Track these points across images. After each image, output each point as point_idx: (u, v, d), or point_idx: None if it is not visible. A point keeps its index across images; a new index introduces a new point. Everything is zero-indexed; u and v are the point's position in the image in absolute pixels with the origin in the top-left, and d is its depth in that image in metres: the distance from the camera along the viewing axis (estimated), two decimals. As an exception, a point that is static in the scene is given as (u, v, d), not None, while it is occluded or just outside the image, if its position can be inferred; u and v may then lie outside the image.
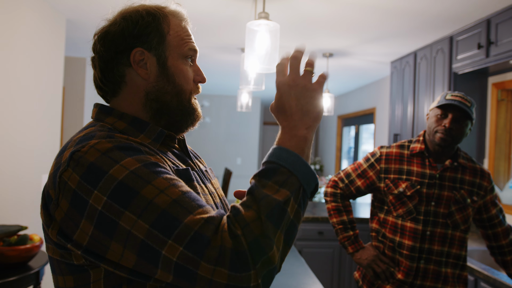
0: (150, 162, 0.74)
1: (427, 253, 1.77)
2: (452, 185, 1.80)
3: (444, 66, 3.14)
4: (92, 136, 0.79)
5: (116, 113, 0.88)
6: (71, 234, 0.73)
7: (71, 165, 0.73)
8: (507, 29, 2.46)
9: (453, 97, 1.75)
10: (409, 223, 1.79)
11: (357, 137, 6.53)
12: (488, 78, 3.17)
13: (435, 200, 1.78)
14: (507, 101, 3.11)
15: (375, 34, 3.36)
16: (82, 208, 0.71)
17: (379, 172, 1.88)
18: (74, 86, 4.88)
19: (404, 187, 1.80)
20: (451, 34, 3.05)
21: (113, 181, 0.70)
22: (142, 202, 0.69)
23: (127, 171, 0.71)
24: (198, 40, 3.70)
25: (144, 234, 0.67)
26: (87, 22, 3.35)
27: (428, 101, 3.35)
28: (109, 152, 0.73)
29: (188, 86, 0.91)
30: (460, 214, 1.78)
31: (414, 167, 1.84)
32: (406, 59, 3.76)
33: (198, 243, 0.66)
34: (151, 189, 0.70)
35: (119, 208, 0.69)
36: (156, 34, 0.88)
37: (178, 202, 0.69)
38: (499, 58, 2.55)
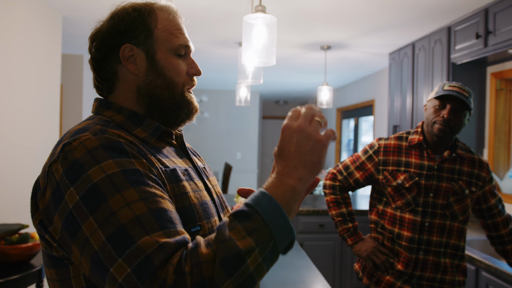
0: (130, 168, 0.72)
1: (426, 244, 1.77)
2: (450, 176, 1.80)
3: (442, 56, 3.13)
4: (86, 129, 0.79)
5: (115, 107, 0.89)
6: (47, 226, 0.73)
7: (60, 157, 0.74)
8: (505, 18, 2.45)
9: (451, 87, 1.74)
10: (407, 215, 1.79)
11: (356, 130, 6.53)
12: (487, 67, 3.17)
13: (433, 192, 1.78)
14: (506, 90, 3.11)
15: (372, 26, 3.35)
16: (58, 202, 0.71)
17: (378, 164, 1.88)
18: (72, 84, 4.86)
19: (402, 179, 1.80)
20: (449, 24, 3.04)
21: (88, 182, 0.69)
22: (106, 211, 0.67)
23: (103, 175, 0.70)
24: (195, 35, 3.69)
25: (99, 245, 0.65)
26: (83, 19, 3.33)
27: (427, 92, 3.34)
28: (94, 150, 0.72)
29: (180, 79, 0.91)
30: (459, 205, 1.78)
31: (413, 159, 1.83)
32: (404, 50, 3.75)
33: (144, 270, 0.62)
34: (118, 199, 0.68)
35: (86, 211, 0.67)
36: (143, 29, 0.88)
37: (139, 219, 0.66)
38: (498, 48, 2.54)
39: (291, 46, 4.10)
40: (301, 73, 5.77)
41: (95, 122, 0.83)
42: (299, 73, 5.78)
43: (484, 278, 2.23)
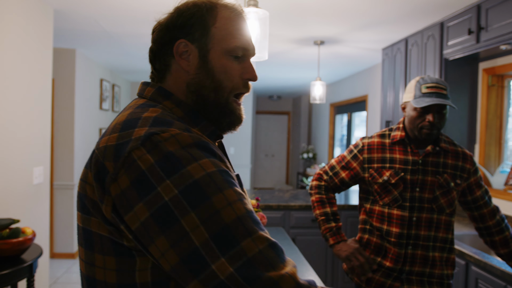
0: (223, 169, 0.74)
1: (414, 238, 1.78)
2: (435, 170, 1.80)
3: (435, 52, 3.14)
4: (167, 122, 0.76)
5: (175, 99, 0.86)
6: (122, 214, 0.71)
7: (146, 146, 0.71)
8: (497, 14, 2.46)
9: (429, 89, 1.73)
10: (395, 211, 1.80)
11: (349, 125, 6.54)
12: (479, 63, 3.18)
13: (419, 186, 1.79)
14: (498, 86, 3.12)
15: (365, 21, 3.35)
16: (144, 192, 0.68)
17: (363, 163, 1.88)
18: (64, 78, 4.83)
19: (388, 175, 1.81)
20: (442, 20, 3.05)
21: (189, 178, 0.69)
22: (210, 209, 0.68)
23: (203, 172, 0.70)
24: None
25: (201, 242, 0.66)
26: (76, 12, 3.30)
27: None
28: (189, 147, 0.72)
29: (229, 83, 0.87)
30: (445, 198, 1.78)
31: (397, 155, 1.84)
32: (397, 46, 3.76)
33: (248, 272, 0.66)
34: (221, 198, 0.69)
35: (187, 206, 0.67)
36: (199, 26, 0.85)
37: (241, 220, 0.69)
38: (490, 44, 2.55)
39: (284, 41, 4.09)
40: (294, 68, 5.76)
41: (164, 113, 0.80)
42: (292, 68, 5.77)
43: (474, 273, 2.25)
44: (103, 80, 5.95)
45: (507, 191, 2.92)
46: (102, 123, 6.01)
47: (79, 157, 5.06)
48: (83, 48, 4.77)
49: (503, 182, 3.01)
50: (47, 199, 3.23)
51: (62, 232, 4.92)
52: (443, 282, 1.80)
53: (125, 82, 7.59)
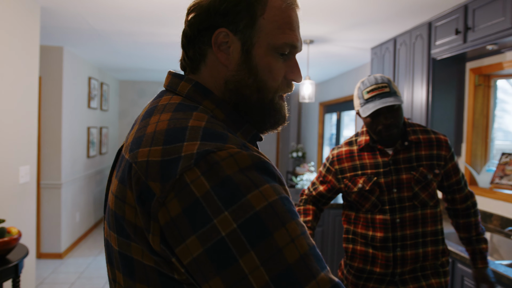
0: (284, 196, 0.64)
1: (401, 240, 1.73)
2: (408, 166, 1.75)
3: (423, 51, 3.16)
4: (221, 135, 0.66)
5: (215, 99, 0.75)
6: (172, 246, 0.61)
7: (201, 167, 0.61)
8: (483, 15, 2.48)
9: (370, 94, 1.69)
10: (377, 216, 1.76)
11: (338, 124, 6.57)
12: (466, 63, 3.21)
13: (396, 187, 1.74)
14: (484, 86, 3.16)
15: (355, 20, 3.36)
16: (198, 223, 0.59)
17: (336, 174, 1.86)
18: (52, 76, 4.77)
19: (362, 183, 1.77)
20: (430, 20, 3.07)
21: (250, 210, 0.59)
22: (272, 247, 0.59)
23: (265, 202, 0.60)
24: (173, 27, 3.65)
25: (260, 286, 0.58)
26: (63, 10, 3.27)
27: (408, 86, 3.38)
28: (248, 170, 0.62)
29: (274, 83, 0.77)
30: (425, 192, 1.74)
31: (366, 160, 1.80)
32: (386, 45, 3.78)
33: None
34: (284, 234, 0.60)
35: (246, 244, 0.58)
36: (245, 15, 0.74)
37: (304, 259, 0.60)
38: (476, 44, 2.57)
39: (274, 40, 4.09)
40: (284, 67, 5.76)
41: (212, 122, 0.69)
42: (282, 67, 5.77)
43: (460, 270, 2.27)
44: (92, 78, 5.90)
45: (493, 190, 2.95)
46: (90, 121, 5.96)
47: (66, 156, 5.01)
48: (71, 45, 4.72)
49: (489, 180, 3.04)
50: (33, 199, 3.19)
51: (49, 232, 4.87)
52: (438, 271, 1.77)
53: (114, 80, 7.53)
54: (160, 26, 3.65)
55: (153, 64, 5.93)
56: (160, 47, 4.59)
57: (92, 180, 6.14)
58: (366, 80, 1.73)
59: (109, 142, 7.22)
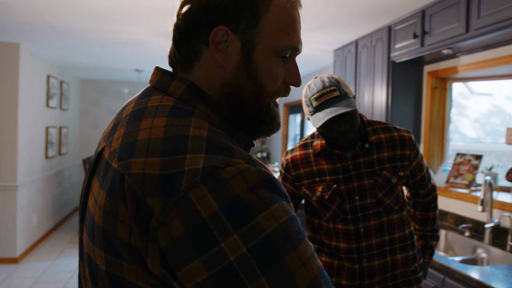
0: (293, 215, 0.60)
1: (367, 250, 1.60)
2: (370, 171, 1.59)
3: (383, 54, 3.24)
4: (227, 148, 0.60)
5: (210, 102, 0.70)
6: (173, 269, 0.56)
7: (208, 184, 0.55)
8: (440, 20, 2.57)
9: (318, 101, 1.52)
10: (340, 225, 1.61)
11: (302, 125, 6.64)
12: (424, 66, 3.32)
13: (358, 194, 1.59)
14: (441, 89, 3.27)
15: (317, 22, 3.41)
16: (204, 246, 0.54)
17: (294, 182, 1.68)
18: (7, 73, 4.59)
19: (320, 191, 1.61)
20: (390, 24, 3.15)
21: (260, 232, 0.55)
22: (283, 272, 0.55)
23: (276, 224, 0.56)
24: (139, 26, 3.59)
25: None
26: (19, 5, 3.14)
27: (369, 88, 3.45)
28: (257, 189, 0.57)
29: (273, 87, 0.72)
30: (390, 197, 1.60)
31: (324, 166, 1.62)
32: (348, 48, 3.85)
33: None
34: (295, 257, 0.56)
35: (257, 269, 0.54)
36: (248, 13, 0.68)
37: (315, 284, 0.56)
38: (433, 48, 2.66)
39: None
40: (248, 68, 5.77)
41: (214, 130, 0.63)
42: (246, 68, 5.78)
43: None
44: (50, 76, 5.71)
45: (448, 189, 3.06)
46: (49, 121, 5.77)
47: (23, 157, 4.82)
48: (28, 42, 4.55)
49: (445, 180, 3.15)
50: (-13, 201, 3.05)
51: (3, 236, 4.67)
52: (410, 279, 1.65)
53: (75, 79, 7.32)
54: (122, 24, 3.58)
55: (115, 63, 5.81)
56: (123, 45, 4.50)
57: (51, 182, 5.94)
58: (313, 84, 1.56)
59: (69, 142, 7.01)
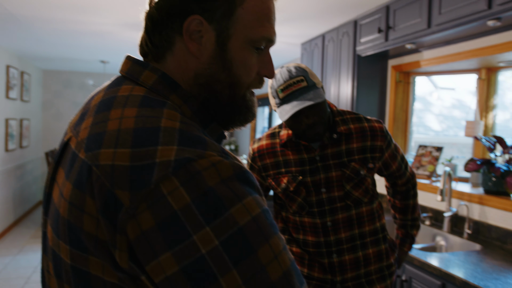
0: (265, 208, 0.60)
1: (336, 245, 1.54)
2: (338, 162, 1.53)
3: (349, 48, 3.30)
4: (199, 140, 0.59)
5: (182, 93, 0.68)
6: (142, 262, 0.55)
7: (180, 176, 0.54)
8: (403, 15, 2.64)
9: (285, 92, 1.45)
10: (306, 218, 1.56)
11: (270, 117, 6.68)
12: (388, 60, 3.40)
13: (324, 186, 1.53)
14: (404, 82, 3.36)
15: (285, 16, 3.43)
16: (174, 239, 0.53)
17: (260, 172, 1.62)
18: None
19: (286, 183, 1.55)
20: (356, 18, 3.21)
21: (233, 225, 0.54)
22: (255, 265, 0.54)
23: (249, 217, 0.56)
24: (102, 16, 3.51)
25: None
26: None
27: (335, 81, 3.51)
28: (229, 181, 0.56)
29: (247, 78, 0.72)
30: (358, 189, 1.54)
31: (290, 156, 1.57)
32: (315, 41, 3.89)
33: None
34: (267, 250, 0.56)
35: (229, 262, 0.53)
36: (223, 3, 0.67)
37: (286, 276, 0.56)
38: (397, 42, 2.73)
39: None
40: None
41: (187, 122, 0.62)
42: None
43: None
44: (10, 66, 5.51)
45: (411, 180, 3.16)
46: (8, 113, 5.57)
47: (-18, 150, 4.65)
48: (-15, 31, 4.38)
49: (408, 171, 3.26)
50: None
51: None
52: (384, 275, 1.61)
53: (36, 69, 7.09)
54: (87, 14, 3.49)
55: (79, 54, 5.66)
56: (87, 36, 4.39)
57: (11, 175, 5.76)
58: (279, 74, 1.48)
59: (31, 135, 6.80)
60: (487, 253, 2.20)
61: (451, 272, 1.89)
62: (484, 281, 1.80)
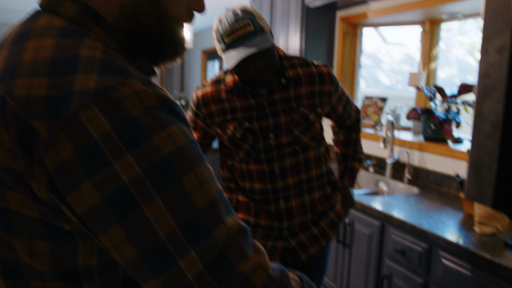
0: (192, 139, 0.59)
1: (284, 191, 1.56)
2: (287, 107, 1.52)
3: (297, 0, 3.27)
4: (122, 69, 0.56)
5: (107, 26, 0.63)
6: (63, 193, 0.53)
7: (100, 104, 0.52)
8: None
9: (231, 37, 1.39)
10: (253, 165, 1.55)
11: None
12: (336, 12, 3.41)
13: (272, 132, 1.52)
14: (352, 34, 3.40)
15: (233, -36, 3.33)
16: (95, 168, 0.52)
17: (205, 119, 1.59)
18: None
19: (232, 130, 1.53)
20: (304, -33, 3.17)
21: (156, 153, 0.53)
22: (180, 193, 0.54)
23: (173, 145, 0.55)
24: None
25: (167, 234, 0.53)
26: None
27: (284, 34, 3.49)
28: (154, 110, 0.55)
29: (176, 12, 0.68)
30: (307, 134, 1.55)
31: (237, 102, 1.52)
32: (264, -8, 3.82)
33: (221, 268, 0.56)
34: (192, 178, 0.55)
35: (152, 189, 0.53)
36: None
37: (213, 204, 0.57)
38: (344, -8, 2.74)
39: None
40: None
41: (109, 52, 0.58)
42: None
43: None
44: None
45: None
46: None
47: None
48: None
49: (354, 122, 3.36)
50: None
51: None
52: (326, 211, 1.66)
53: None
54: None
55: (13, 3, 5.26)
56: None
57: None
58: (224, 17, 1.42)
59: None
60: (424, 196, 2.36)
61: (390, 213, 2.01)
62: (419, 219, 1.93)
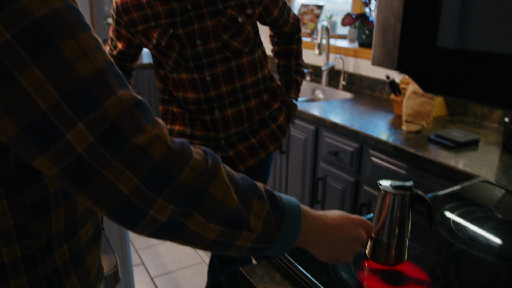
0: (72, 5, 0.53)
1: (217, 100, 1.50)
2: (213, 10, 1.41)
3: None
4: None
5: None
6: None
7: None
8: None
9: None
10: (184, 74, 1.48)
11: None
12: None
13: (200, 38, 1.42)
14: None
15: None
16: None
17: (128, 27, 1.47)
18: None
19: (157, 37, 1.43)
20: None
21: (26, 16, 0.47)
22: (59, 61, 0.49)
23: (47, 8, 0.49)
24: None
25: (49, 105, 0.49)
26: None
27: None
28: None
29: None
30: (238, 38, 1.45)
31: (159, 7, 1.41)
32: None
33: (114, 140, 0.52)
34: (73, 45, 0.50)
35: (26, 57, 0.48)
36: None
37: (101, 75, 0.52)
38: None
39: None
40: None
41: None
42: None
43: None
44: None
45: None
46: None
47: None
48: None
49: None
50: None
51: None
52: (266, 121, 1.63)
53: None
54: None
55: None
56: None
57: None
58: None
59: None
60: (358, 100, 2.41)
61: (324, 117, 2.05)
62: (351, 121, 1.98)
